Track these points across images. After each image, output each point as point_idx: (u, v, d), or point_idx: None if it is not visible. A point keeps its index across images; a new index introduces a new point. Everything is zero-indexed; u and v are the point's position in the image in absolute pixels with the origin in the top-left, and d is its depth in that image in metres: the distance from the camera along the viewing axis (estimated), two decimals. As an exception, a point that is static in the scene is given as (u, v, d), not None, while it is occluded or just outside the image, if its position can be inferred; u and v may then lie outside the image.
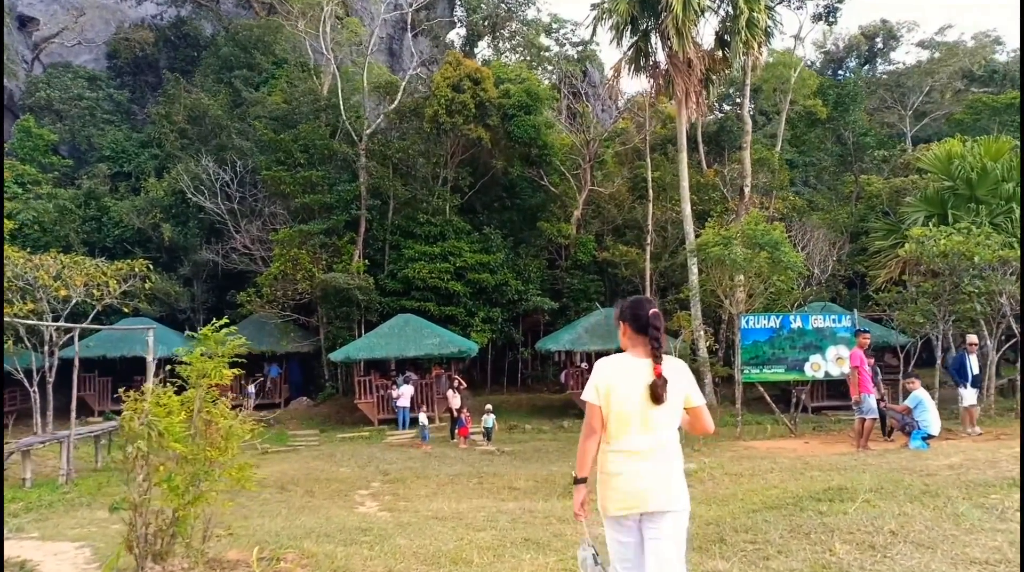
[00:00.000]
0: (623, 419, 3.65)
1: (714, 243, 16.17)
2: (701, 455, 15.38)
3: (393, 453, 18.51)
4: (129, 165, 31.83)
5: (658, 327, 3.71)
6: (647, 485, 3.59)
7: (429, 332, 24.15)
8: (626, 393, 3.63)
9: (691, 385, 3.77)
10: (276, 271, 25.47)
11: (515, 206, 30.36)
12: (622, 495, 3.61)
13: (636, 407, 3.62)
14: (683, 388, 3.72)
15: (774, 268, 15.48)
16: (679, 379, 3.71)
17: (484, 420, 19.53)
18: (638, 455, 3.62)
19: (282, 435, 23.76)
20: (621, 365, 3.75)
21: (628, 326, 3.82)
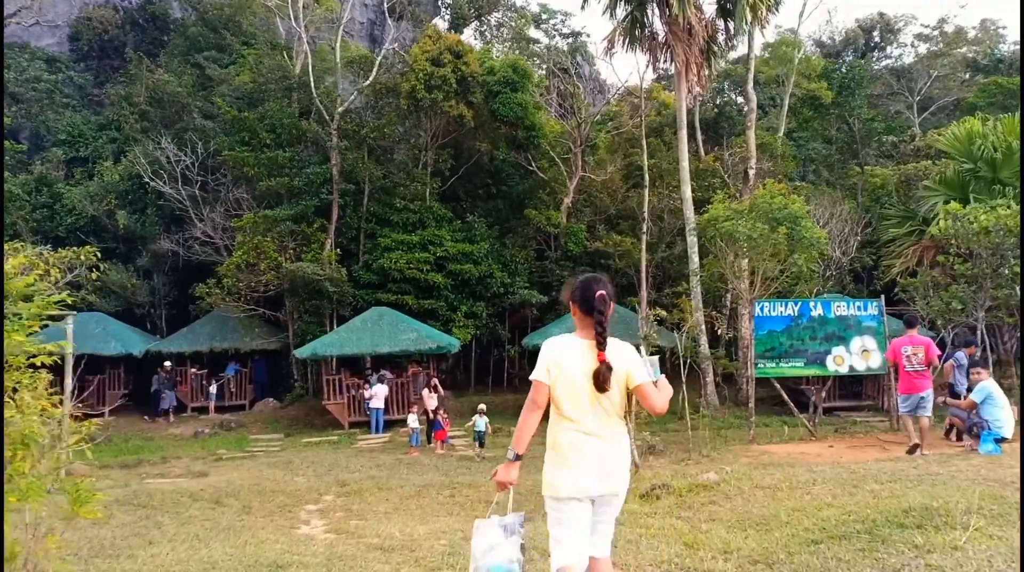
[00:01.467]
0: (575, 403, 3.60)
1: (725, 218, 14.13)
2: (713, 461, 13.32)
3: (360, 460, 16.37)
4: (86, 150, 29.57)
5: (602, 310, 3.59)
6: (605, 468, 3.58)
7: (406, 326, 22.01)
8: (575, 374, 3.58)
9: (632, 363, 3.63)
10: (238, 260, 23.28)
11: (501, 193, 28.27)
12: (577, 478, 3.58)
13: (588, 393, 3.57)
14: (626, 366, 3.59)
15: (795, 246, 13.44)
16: (623, 357, 3.61)
17: (474, 422, 17.24)
18: (594, 436, 3.59)
19: (242, 439, 21.55)
20: (569, 347, 3.66)
21: (577, 307, 3.70)
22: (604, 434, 3.58)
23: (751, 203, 14.37)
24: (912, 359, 10.67)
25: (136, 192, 26.79)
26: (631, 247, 26.05)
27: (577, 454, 3.58)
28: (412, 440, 17.93)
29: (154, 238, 26.30)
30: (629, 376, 3.57)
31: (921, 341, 10.83)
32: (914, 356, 10.66)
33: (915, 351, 10.66)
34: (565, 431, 3.63)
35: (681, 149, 22.21)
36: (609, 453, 3.58)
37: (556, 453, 3.66)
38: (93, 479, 13.98)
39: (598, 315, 3.54)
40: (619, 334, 3.79)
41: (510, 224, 27.84)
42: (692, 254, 22.08)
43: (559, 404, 3.62)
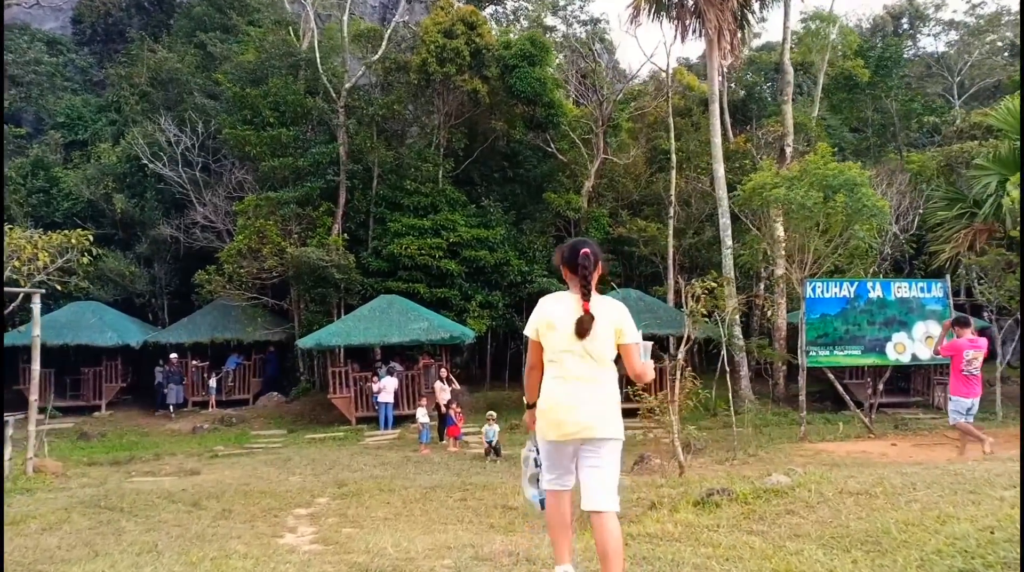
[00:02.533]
0: (560, 348, 3.80)
1: (773, 186, 12.49)
2: (763, 461, 11.75)
3: (365, 458, 14.92)
4: (85, 133, 28.34)
5: (586, 266, 3.87)
6: (586, 413, 3.72)
7: (416, 315, 20.54)
8: (562, 325, 3.81)
9: (623, 321, 3.88)
10: (239, 245, 21.92)
11: (518, 177, 26.74)
12: (559, 422, 3.75)
13: (571, 338, 3.77)
14: (613, 322, 3.85)
15: (853, 217, 11.79)
16: (610, 315, 3.85)
17: (484, 432, 15.22)
18: (576, 380, 3.76)
19: (242, 436, 20.22)
20: (559, 300, 3.97)
21: (566, 267, 4.03)
22: (587, 377, 3.76)
23: (802, 169, 12.73)
24: (973, 362, 9.65)
25: (135, 175, 25.52)
26: (657, 233, 24.45)
27: (560, 397, 3.77)
28: (422, 437, 16.49)
29: (154, 223, 25.01)
30: (620, 332, 3.84)
31: (981, 344, 9.79)
32: (975, 359, 9.65)
33: (976, 354, 9.65)
34: (551, 376, 3.84)
35: (713, 124, 20.59)
36: (591, 396, 3.75)
37: (543, 397, 3.85)
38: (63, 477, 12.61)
39: (582, 270, 3.86)
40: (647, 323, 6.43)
41: (528, 209, 26.30)
42: (725, 237, 20.47)
43: (548, 350, 3.85)
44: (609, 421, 3.77)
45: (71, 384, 23.82)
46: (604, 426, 3.74)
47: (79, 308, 23.77)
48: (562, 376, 3.78)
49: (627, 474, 11.43)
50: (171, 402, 22.58)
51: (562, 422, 3.72)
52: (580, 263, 3.88)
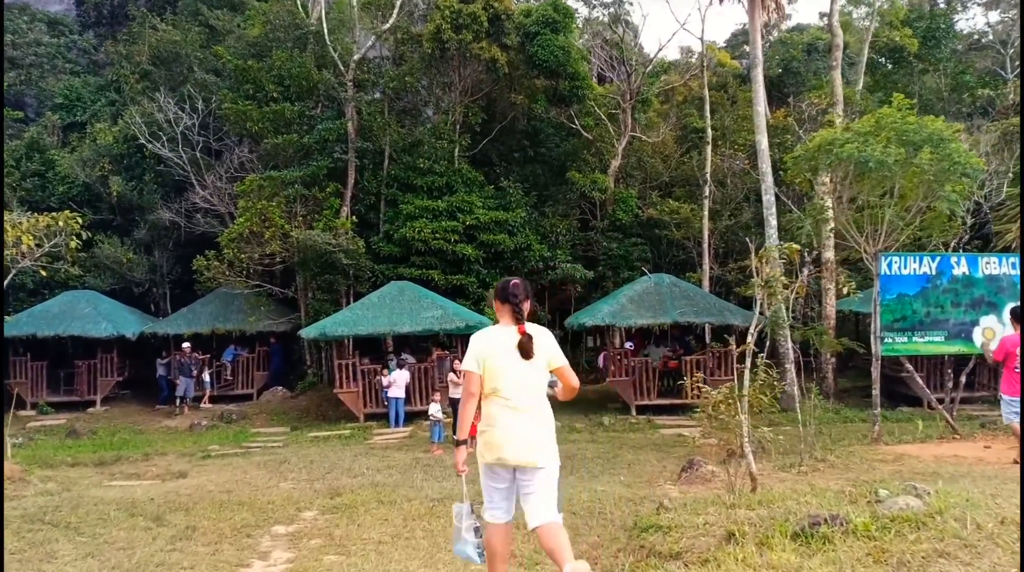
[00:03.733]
0: (499, 378, 4.03)
1: (844, 142, 10.62)
2: (836, 467, 9.92)
3: (370, 459, 13.25)
4: (84, 114, 26.94)
5: (516, 294, 4.13)
6: (520, 442, 3.97)
7: (430, 303, 18.86)
8: (500, 356, 4.03)
9: (552, 347, 4.16)
10: (240, 228, 20.35)
11: (539, 157, 24.97)
12: (497, 447, 4.00)
13: (509, 368, 4.02)
14: (546, 347, 4.11)
15: (943, 176, 9.89)
16: (542, 340, 4.11)
17: None
18: (516, 410, 4.00)
19: (241, 434, 18.66)
20: (493, 334, 4.20)
21: (497, 301, 4.25)
22: (526, 408, 4.03)
23: (876, 122, 10.86)
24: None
25: (133, 156, 24.05)
26: (690, 215, 22.57)
27: (500, 425, 4.01)
28: (434, 436, 14.77)
29: (152, 208, 23.54)
30: (552, 358, 4.14)
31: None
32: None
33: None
34: (493, 405, 4.07)
35: (755, 92, 18.68)
36: (528, 425, 4.02)
37: (485, 424, 4.08)
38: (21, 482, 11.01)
39: (513, 299, 4.15)
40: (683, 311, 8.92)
41: (550, 191, 24.53)
42: (769, 215, 18.57)
43: (489, 382, 4.06)
44: (545, 451, 4.01)
45: (65, 378, 22.40)
46: (540, 456, 3.98)
47: (73, 297, 22.35)
48: (504, 405, 4.00)
49: (674, 484, 9.64)
50: (180, 395, 21.03)
51: (501, 448, 3.97)
52: (511, 292, 4.12)
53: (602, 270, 23.40)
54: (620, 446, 14.53)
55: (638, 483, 10.06)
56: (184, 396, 21.00)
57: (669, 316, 17.97)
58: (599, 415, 18.31)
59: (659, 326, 18.27)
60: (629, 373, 18.39)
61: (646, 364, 18.52)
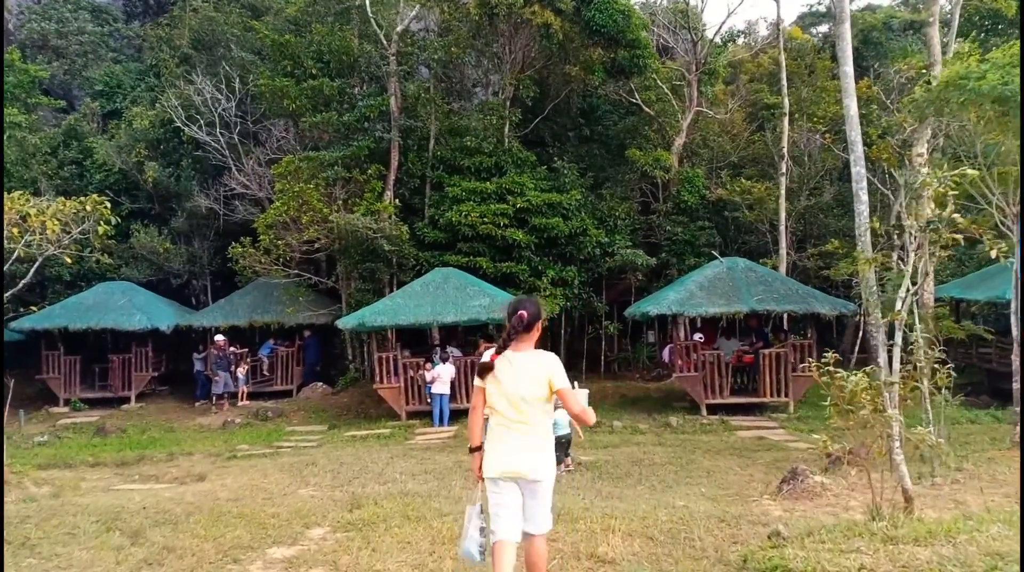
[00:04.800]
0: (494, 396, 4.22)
1: (981, 73, 8.56)
2: (988, 483, 7.88)
3: (407, 462, 11.68)
4: (124, 101, 26.15)
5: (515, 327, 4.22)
6: (511, 456, 4.15)
7: (476, 291, 17.24)
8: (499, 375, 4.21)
9: (554, 370, 4.16)
10: (277, 213, 19.06)
11: (596, 136, 23.13)
12: (492, 460, 4.20)
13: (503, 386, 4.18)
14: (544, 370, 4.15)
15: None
16: (539, 365, 4.17)
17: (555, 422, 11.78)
18: (506, 427, 4.18)
19: (276, 432, 17.36)
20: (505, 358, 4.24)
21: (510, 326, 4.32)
22: (521, 424, 4.16)
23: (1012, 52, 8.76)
24: None
25: (169, 141, 23.08)
26: (764, 194, 20.42)
27: (499, 440, 4.21)
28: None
29: (190, 195, 22.48)
30: (551, 380, 4.14)
31: None
32: None
33: None
34: (492, 420, 4.28)
35: (842, 50, 16.46)
36: (523, 441, 4.16)
37: (488, 439, 4.30)
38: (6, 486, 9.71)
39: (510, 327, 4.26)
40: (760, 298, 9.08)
41: (607, 172, 22.67)
42: (859, 190, 16.30)
43: (489, 399, 4.27)
44: (539, 465, 4.17)
45: (100, 373, 21.48)
46: (534, 470, 4.15)
47: (107, 289, 21.44)
48: (500, 421, 4.21)
49: (773, 498, 7.74)
50: (217, 392, 19.84)
51: (499, 462, 4.17)
52: (512, 324, 4.25)
53: (665, 257, 21.43)
54: (693, 450, 12.63)
55: (726, 497, 8.20)
56: (222, 393, 19.81)
57: (745, 304, 15.95)
58: (665, 415, 16.40)
59: (733, 315, 16.22)
60: (699, 368, 16.42)
61: (718, 358, 16.52)
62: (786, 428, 15.04)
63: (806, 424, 15.57)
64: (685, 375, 16.66)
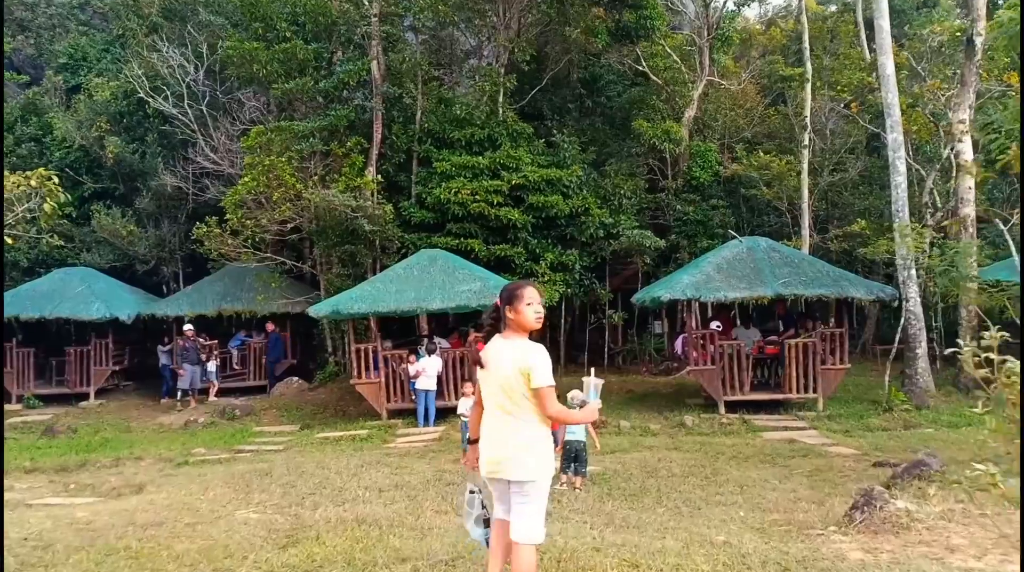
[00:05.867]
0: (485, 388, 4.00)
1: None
2: None
3: (377, 472, 9.84)
4: (89, 74, 24.21)
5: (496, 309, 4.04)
6: (499, 454, 3.86)
7: (466, 274, 15.37)
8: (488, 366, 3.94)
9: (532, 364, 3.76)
10: (246, 189, 17.19)
11: (598, 108, 21.26)
12: (483, 459, 3.97)
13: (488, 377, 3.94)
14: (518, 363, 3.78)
15: None
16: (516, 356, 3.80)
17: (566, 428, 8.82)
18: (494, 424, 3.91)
19: (242, 433, 15.54)
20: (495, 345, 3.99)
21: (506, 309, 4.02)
22: (506, 415, 3.85)
23: None
24: None
25: (134, 114, 21.20)
26: (784, 169, 18.54)
27: (485, 435, 4.00)
28: (466, 440, 11.10)
29: (156, 173, 20.58)
30: (530, 376, 3.74)
31: None
32: None
33: None
34: (484, 413, 4.05)
35: (878, 4, 14.63)
36: (503, 439, 3.86)
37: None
38: None
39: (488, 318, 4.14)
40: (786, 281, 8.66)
41: (611, 147, 20.81)
42: (896, 159, 14.53)
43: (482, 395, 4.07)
44: (521, 463, 3.82)
45: (57, 367, 19.65)
46: (515, 468, 3.82)
47: (65, 275, 19.60)
48: (487, 418, 3.98)
49: (845, 532, 5.85)
50: (183, 388, 18.02)
51: (484, 460, 3.96)
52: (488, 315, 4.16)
53: (675, 239, 19.56)
54: (715, 456, 10.79)
55: (777, 526, 6.35)
56: (189, 388, 17.98)
57: (769, 287, 14.07)
58: (678, 413, 14.56)
59: (756, 301, 14.37)
60: (716, 360, 14.56)
61: (738, 350, 14.67)
62: (818, 429, 13.20)
63: (839, 424, 13.73)
64: (701, 368, 14.80)
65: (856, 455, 10.74)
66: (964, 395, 15.45)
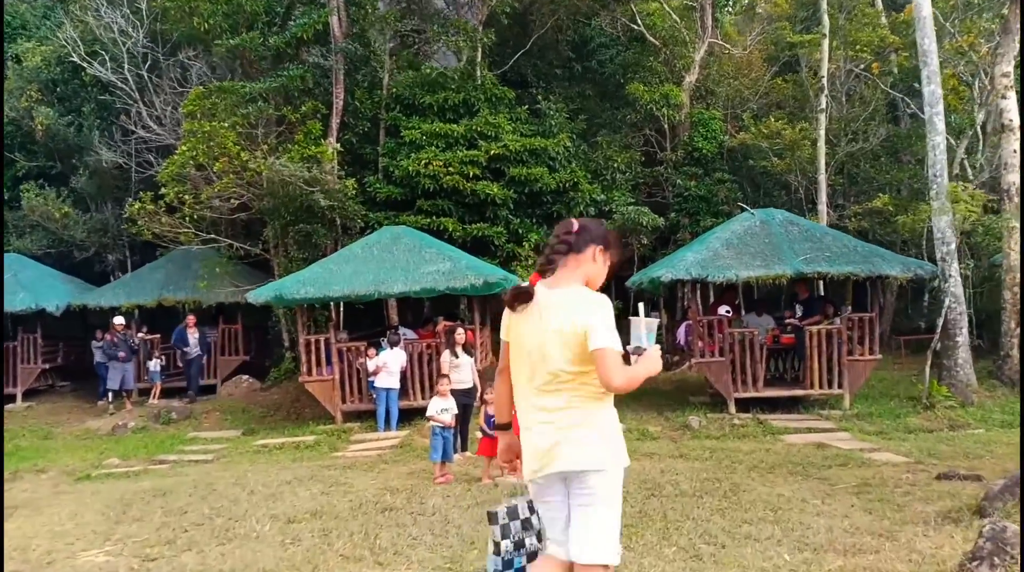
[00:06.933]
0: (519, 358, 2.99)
1: None
2: None
3: (305, 492, 7.71)
4: (28, 42, 21.92)
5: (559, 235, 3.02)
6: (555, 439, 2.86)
7: (434, 254, 13.22)
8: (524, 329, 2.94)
9: (593, 320, 2.77)
10: (183, 159, 15.02)
11: (588, 74, 19.16)
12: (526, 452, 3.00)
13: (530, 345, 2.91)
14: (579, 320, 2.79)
15: None
16: (577, 313, 2.81)
17: None
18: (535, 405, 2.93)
19: (175, 439, 13.37)
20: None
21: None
22: (546, 403, 2.89)
23: None
24: None
25: (69, 83, 18.98)
26: (798, 137, 16.43)
27: (524, 426, 3.02)
28: (435, 451, 8.75)
29: (93, 147, 18.36)
30: (588, 335, 2.76)
31: None
32: None
33: None
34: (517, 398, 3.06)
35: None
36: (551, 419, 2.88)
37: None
38: None
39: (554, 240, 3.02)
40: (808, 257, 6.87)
41: (603, 117, 18.70)
42: (934, 115, 12.43)
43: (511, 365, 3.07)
44: (581, 446, 2.84)
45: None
46: (572, 454, 2.84)
47: (-11, 263, 17.35)
48: (524, 399, 2.98)
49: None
50: (113, 388, 15.82)
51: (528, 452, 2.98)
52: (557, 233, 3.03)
53: (675, 217, 17.42)
54: (733, 467, 8.65)
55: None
56: (121, 388, 15.78)
57: (788, 265, 11.96)
58: (681, 412, 12.42)
59: (773, 280, 12.26)
60: (726, 352, 12.43)
61: (751, 339, 12.55)
62: (849, 431, 11.09)
63: (872, 425, 11.63)
64: (708, 361, 12.67)
65: (908, 463, 8.62)
66: (1010, 389, 13.41)
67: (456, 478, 8.37)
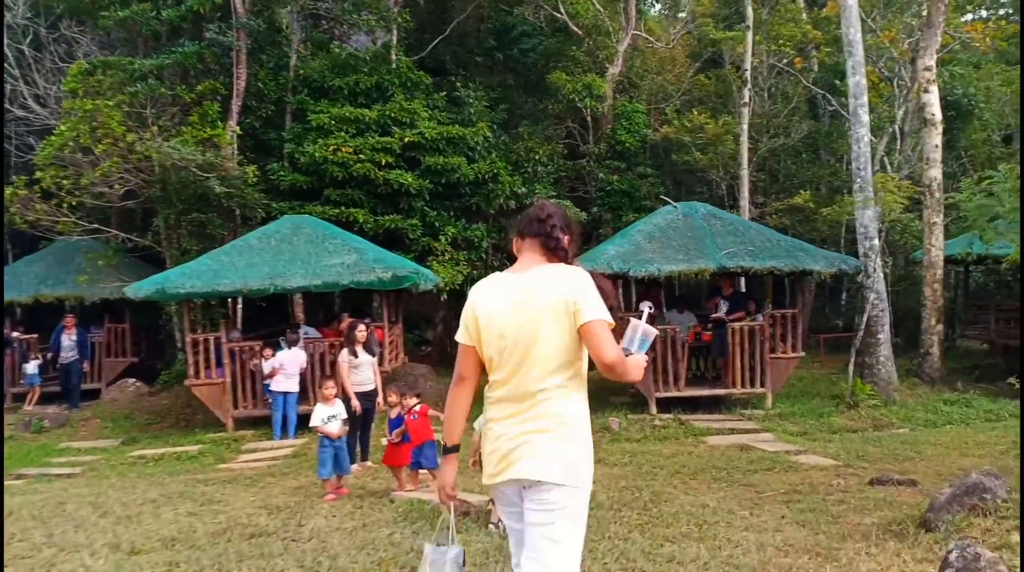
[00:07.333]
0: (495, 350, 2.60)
1: None
2: None
3: (169, 513, 6.66)
4: None
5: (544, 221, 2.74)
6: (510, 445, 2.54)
7: (338, 245, 12.21)
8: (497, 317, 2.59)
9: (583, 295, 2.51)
10: (61, 141, 13.55)
11: (510, 64, 18.42)
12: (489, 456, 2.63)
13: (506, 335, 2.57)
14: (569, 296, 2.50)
15: None
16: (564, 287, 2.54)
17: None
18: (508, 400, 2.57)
19: (45, 449, 11.99)
20: (497, 284, 2.71)
21: (519, 237, 2.82)
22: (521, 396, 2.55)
23: None
24: None
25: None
26: (721, 132, 16.08)
27: (495, 421, 2.63)
28: (322, 465, 7.67)
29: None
30: (578, 309, 2.48)
31: None
32: None
33: None
34: (492, 395, 2.67)
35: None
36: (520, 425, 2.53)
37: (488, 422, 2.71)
38: None
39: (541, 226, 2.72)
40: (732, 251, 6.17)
41: (524, 108, 18.00)
42: (858, 107, 12.17)
43: (484, 360, 2.67)
44: (547, 453, 2.48)
45: None
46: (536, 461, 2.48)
47: None
48: (497, 395, 2.61)
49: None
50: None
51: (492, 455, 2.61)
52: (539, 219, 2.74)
53: (597, 212, 16.87)
54: (653, 473, 8.02)
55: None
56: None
57: (711, 259, 11.48)
58: (601, 413, 11.75)
59: (695, 275, 11.75)
60: (648, 350, 11.82)
61: (673, 337, 12.00)
62: (773, 432, 10.64)
63: (795, 425, 11.25)
64: (629, 360, 12.04)
65: (836, 467, 8.15)
66: (930, 387, 13.32)
67: (351, 492, 7.44)
